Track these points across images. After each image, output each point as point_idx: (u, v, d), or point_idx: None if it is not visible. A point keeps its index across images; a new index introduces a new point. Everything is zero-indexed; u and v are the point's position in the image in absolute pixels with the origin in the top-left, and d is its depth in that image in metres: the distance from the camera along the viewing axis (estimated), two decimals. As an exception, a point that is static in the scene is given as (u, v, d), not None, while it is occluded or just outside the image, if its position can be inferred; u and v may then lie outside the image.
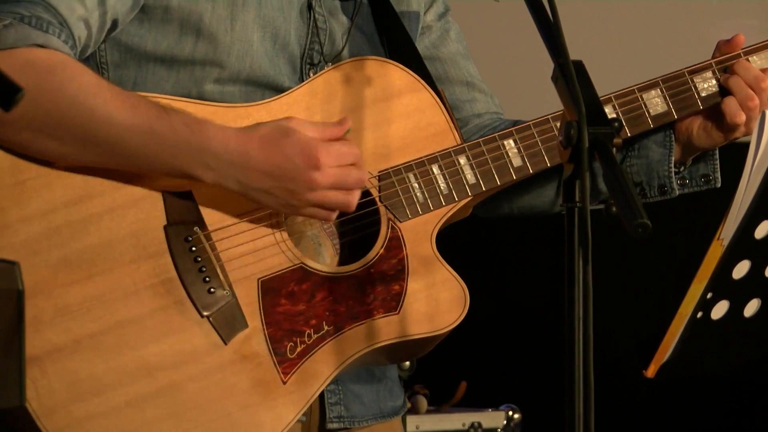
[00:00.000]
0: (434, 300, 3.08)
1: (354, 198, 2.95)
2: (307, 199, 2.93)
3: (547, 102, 2.76)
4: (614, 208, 2.63)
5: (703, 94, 3.23)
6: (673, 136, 3.26)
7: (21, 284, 2.54)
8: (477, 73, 3.35)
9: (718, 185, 3.29)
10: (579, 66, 2.66)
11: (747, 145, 2.81)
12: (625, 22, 6.68)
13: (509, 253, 4.44)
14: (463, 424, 5.41)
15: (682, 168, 3.29)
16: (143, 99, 2.93)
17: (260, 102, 3.05)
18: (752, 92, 3.17)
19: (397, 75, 3.12)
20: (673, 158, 3.27)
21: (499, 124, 3.23)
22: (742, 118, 3.16)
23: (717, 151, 3.27)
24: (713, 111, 3.21)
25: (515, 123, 3.19)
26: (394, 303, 3.07)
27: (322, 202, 2.93)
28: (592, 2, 6.51)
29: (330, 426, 3.17)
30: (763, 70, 3.22)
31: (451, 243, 3.17)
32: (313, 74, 3.11)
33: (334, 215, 2.98)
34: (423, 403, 5.35)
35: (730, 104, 3.17)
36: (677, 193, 3.28)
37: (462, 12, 3.39)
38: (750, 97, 3.16)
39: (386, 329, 3.05)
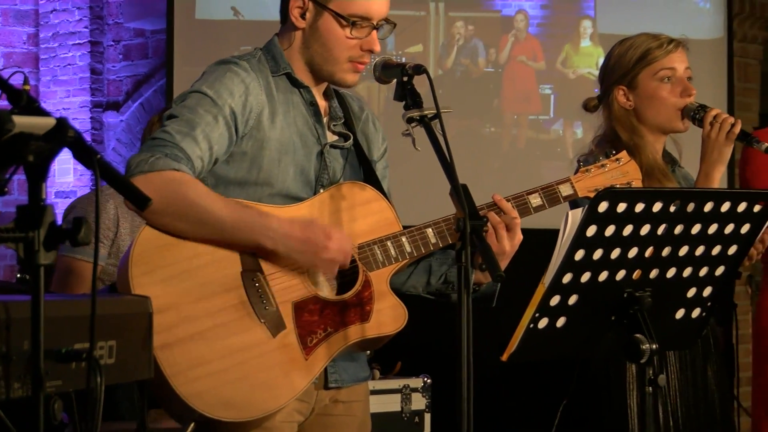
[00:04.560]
0: (388, 315, 3.10)
1: (347, 257, 3.00)
2: (322, 255, 2.98)
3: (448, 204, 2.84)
4: (484, 267, 2.79)
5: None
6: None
7: (151, 309, 2.64)
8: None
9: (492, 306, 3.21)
10: (464, 187, 2.79)
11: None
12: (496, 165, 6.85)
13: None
14: (399, 385, 5.37)
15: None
16: (234, 200, 3.01)
17: (294, 204, 3.10)
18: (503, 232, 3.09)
19: (369, 191, 3.16)
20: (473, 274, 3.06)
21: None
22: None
23: (499, 286, 3.17)
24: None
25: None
26: (366, 316, 3.08)
27: (331, 257, 2.99)
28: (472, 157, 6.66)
29: (330, 385, 3.16)
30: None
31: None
32: (322, 191, 3.15)
33: (335, 269, 3.03)
34: (377, 374, 5.37)
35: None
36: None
37: (398, 156, 3.49)
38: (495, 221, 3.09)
39: (362, 331, 3.08)
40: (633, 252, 2.89)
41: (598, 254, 2.86)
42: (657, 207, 2.84)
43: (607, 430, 3.67)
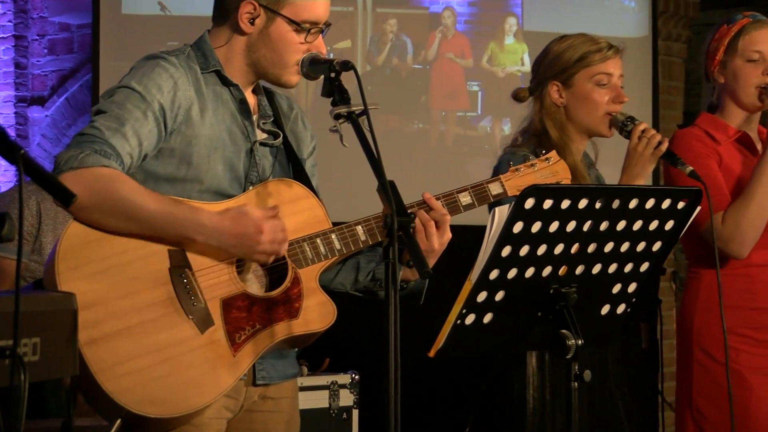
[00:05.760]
0: (316, 312, 3.10)
1: (282, 248, 3.01)
2: (255, 249, 2.97)
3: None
4: (411, 263, 2.84)
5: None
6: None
7: (76, 306, 2.63)
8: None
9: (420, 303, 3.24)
10: (392, 184, 2.79)
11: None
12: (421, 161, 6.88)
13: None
14: (327, 381, 5.38)
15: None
16: (165, 196, 2.99)
17: (221, 201, 3.08)
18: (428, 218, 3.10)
19: (298, 188, 3.15)
20: (401, 271, 3.16)
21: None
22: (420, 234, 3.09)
23: (426, 283, 3.20)
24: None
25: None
26: (295, 313, 3.07)
27: (264, 250, 2.98)
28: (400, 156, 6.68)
29: (258, 383, 3.16)
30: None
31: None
32: (251, 188, 3.14)
33: (271, 259, 3.01)
34: (305, 370, 5.34)
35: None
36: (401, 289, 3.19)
37: (326, 153, 3.45)
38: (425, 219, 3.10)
39: (291, 327, 3.08)
40: (559, 248, 2.91)
41: (524, 250, 2.87)
42: (583, 204, 2.87)
43: (508, 426, 3.70)
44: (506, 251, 2.85)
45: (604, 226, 2.93)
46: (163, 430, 3.02)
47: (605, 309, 3.09)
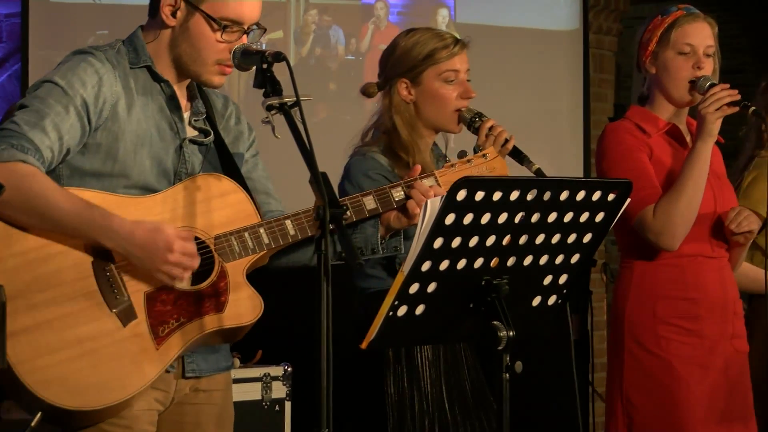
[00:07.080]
0: (244, 306, 3.10)
1: (185, 273, 3.00)
2: (159, 266, 2.97)
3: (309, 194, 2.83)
4: (343, 254, 2.83)
5: (396, 199, 3.25)
6: (379, 221, 3.29)
7: (4, 298, 2.66)
8: (272, 187, 3.38)
9: (402, 252, 3.32)
10: (324, 174, 2.80)
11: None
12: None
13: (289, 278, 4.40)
14: (260, 374, 5.37)
15: (383, 240, 3.32)
16: (79, 198, 2.96)
17: (148, 195, 3.09)
18: (422, 197, 3.22)
19: (227, 182, 3.15)
20: (379, 233, 3.30)
21: (281, 215, 3.21)
22: (416, 210, 3.23)
23: (402, 233, 3.33)
24: (402, 208, 3.26)
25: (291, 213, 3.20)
26: (221, 306, 3.08)
27: (168, 270, 2.97)
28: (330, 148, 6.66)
29: (187, 375, 3.16)
30: (430, 186, 3.27)
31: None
32: (180, 182, 3.13)
33: (173, 282, 3.00)
34: (237, 362, 5.29)
35: (410, 203, 3.24)
36: (381, 254, 3.33)
37: (259, 142, 3.38)
38: (421, 199, 3.22)
39: (217, 321, 3.08)
40: (491, 240, 2.92)
41: (456, 242, 2.88)
42: (514, 195, 2.88)
43: (371, 416, 3.74)
44: (438, 243, 2.86)
45: (535, 217, 2.94)
46: (89, 423, 3.03)
47: (536, 300, 3.11)
